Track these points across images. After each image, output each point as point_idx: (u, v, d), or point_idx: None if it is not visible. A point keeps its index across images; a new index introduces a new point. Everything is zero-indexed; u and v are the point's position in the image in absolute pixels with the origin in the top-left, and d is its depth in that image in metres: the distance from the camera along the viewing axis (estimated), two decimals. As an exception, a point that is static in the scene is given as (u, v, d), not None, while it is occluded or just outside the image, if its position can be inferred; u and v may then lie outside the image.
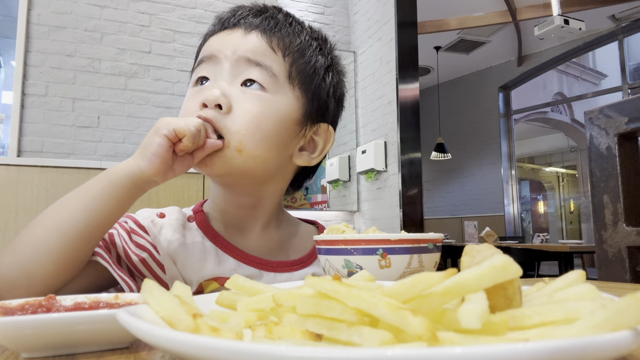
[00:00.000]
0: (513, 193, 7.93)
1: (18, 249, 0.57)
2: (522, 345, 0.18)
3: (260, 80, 0.67)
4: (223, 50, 0.69)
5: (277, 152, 0.70)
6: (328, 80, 0.76)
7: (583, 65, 8.99)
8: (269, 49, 0.70)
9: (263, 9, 0.75)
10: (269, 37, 0.70)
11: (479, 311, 0.22)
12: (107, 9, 3.39)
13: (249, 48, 0.69)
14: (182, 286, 0.33)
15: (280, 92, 0.69)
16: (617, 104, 1.11)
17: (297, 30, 0.74)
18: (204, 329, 0.25)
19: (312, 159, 0.76)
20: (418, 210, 3.55)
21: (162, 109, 3.48)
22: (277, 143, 0.69)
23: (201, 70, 0.71)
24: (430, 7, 5.80)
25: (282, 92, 0.69)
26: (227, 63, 0.68)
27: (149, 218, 0.70)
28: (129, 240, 0.67)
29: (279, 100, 0.68)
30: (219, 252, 0.72)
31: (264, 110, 0.66)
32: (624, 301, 0.21)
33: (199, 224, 0.74)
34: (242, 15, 0.73)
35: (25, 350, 0.34)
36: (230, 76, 0.68)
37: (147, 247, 0.67)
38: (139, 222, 0.69)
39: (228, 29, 0.72)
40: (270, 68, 0.68)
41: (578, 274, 0.32)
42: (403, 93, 3.61)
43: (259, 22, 0.71)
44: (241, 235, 0.75)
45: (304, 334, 0.24)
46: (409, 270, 0.57)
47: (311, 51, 0.74)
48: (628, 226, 1.07)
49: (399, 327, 0.23)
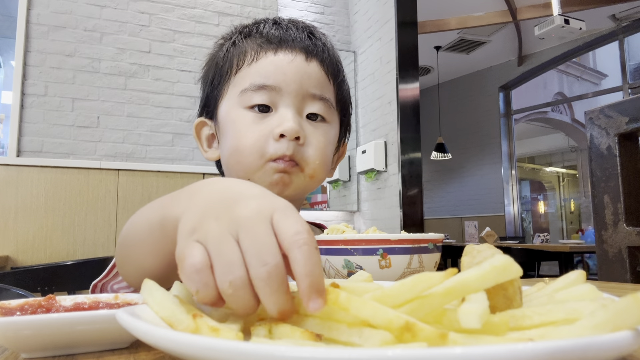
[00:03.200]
0: (513, 193, 7.93)
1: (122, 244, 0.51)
2: (522, 345, 0.18)
3: (323, 114, 0.73)
4: (289, 83, 0.70)
5: (328, 172, 0.79)
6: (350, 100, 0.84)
7: (583, 65, 8.99)
8: (326, 78, 0.74)
9: (305, 26, 0.77)
10: (326, 65, 0.74)
11: (479, 311, 0.22)
12: (106, 9, 3.39)
13: (313, 83, 0.72)
14: (182, 286, 0.33)
15: (334, 119, 0.76)
16: (618, 104, 1.11)
17: (338, 54, 0.79)
18: (203, 329, 0.25)
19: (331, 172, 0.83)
20: (418, 210, 3.55)
21: (162, 109, 3.48)
22: (330, 166, 0.78)
23: (261, 97, 0.70)
24: (430, 7, 5.80)
25: (335, 118, 0.77)
26: (294, 97, 0.71)
27: None
28: None
29: (333, 127, 0.76)
30: None
31: (328, 140, 0.74)
32: (624, 301, 0.21)
33: None
34: (296, 36, 0.74)
35: (25, 351, 0.34)
36: (297, 109, 0.71)
37: None
38: None
39: (285, 49, 0.72)
40: (329, 100, 0.74)
41: (578, 274, 0.32)
42: (403, 93, 3.61)
43: (314, 46, 0.74)
44: None
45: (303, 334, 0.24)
46: (409, 271, 0.57)
47: (346, 78, 0.80)
48: (628, 226, 1.07)
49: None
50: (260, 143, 0.68)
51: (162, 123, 3.47)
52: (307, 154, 0.70)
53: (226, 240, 0.30)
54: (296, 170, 0.70)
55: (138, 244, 0.47)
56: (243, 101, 0.71)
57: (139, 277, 0.46)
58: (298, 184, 0.71)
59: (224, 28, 3.79)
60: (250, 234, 0.30)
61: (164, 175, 3.11)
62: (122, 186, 2.98)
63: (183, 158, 3.51)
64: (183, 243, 0.32)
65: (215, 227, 0.31)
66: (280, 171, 0.69)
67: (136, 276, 0.50)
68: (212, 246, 0.30)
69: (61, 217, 2.76)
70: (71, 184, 2.78)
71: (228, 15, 3.80)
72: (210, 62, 0.80)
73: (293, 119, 0.68)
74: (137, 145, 3.39)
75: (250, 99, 0.70)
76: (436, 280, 0.25)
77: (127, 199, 2.98)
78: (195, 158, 3.54)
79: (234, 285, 0.29)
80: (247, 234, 0.30)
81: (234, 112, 0.72)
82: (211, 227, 0.31)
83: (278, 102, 0.70)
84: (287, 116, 0.69)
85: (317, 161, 0.71)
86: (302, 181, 0.71)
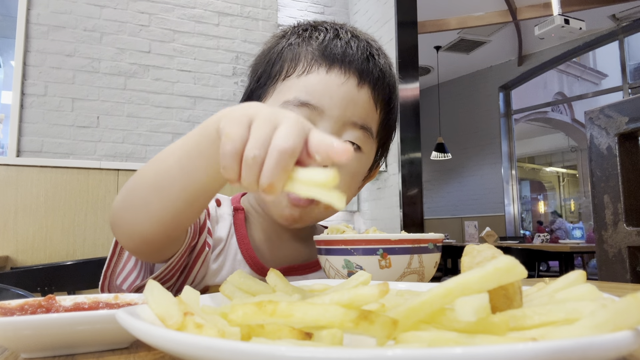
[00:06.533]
0: (513, 193, 7.93)
1: (124, 206, 0.54)
2: (522, 345, 0.18)
3: (360, 143, 0.68)
4: (334, 108, 0.66)
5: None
6: (395, 124, 0.80)
7: (583, 65, 8.99)
8: (374, 106, 0.70)
9: (368, 44, 0.72)
10: (377, 91, 0.70)
11: (475, 304, 0.22)
12: (106, 9, 3.39)
13: (358, 111, 0.67)
14: (192, 291, 0.32)
15: (369, 148, 0.71)
16: (618, 104, 1.11)
17: (393, 78, 0.75)
18: (189, 325, 0.25)
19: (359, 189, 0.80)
20: (418, 210, 3.55)
21: (162, 109, 3.48)
22: (352, 194, 0.74)
23: (302, 114, 0.65)
24: (430, 7, 5.80)
25: (370, 147, 0.71)
26: (334, 122, 0.66)
27: (213, 207, 0.71)
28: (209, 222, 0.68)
29: (367, 156, 0.72)
30: (237, 257, 0.71)
31: (357, 170, 0.70)
32: (625, 301, 0.21)
33: (236, 222, 0.74)
34: (354, 55, 0.68)
35: (25, 351, 0.34)
36: (334, 133, 0.66)
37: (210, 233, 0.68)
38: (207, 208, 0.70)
39: (339, 69, 0.67)
40: (370, 130, 0.69)
41: (578, 274, 0.32)
42: (403, 93, 3.61)
43: (370, 70, 0.69)
44: (272, 245, 0.75)
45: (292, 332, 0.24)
46: (409, 270, 0.57)
47: (395, 101, 0.76)
48: (628, 226, 1.07)
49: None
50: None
51: (162, 123, 3.47)
52: None
53: (268, 124, 0.35)
54: (313, 207, 0.67)
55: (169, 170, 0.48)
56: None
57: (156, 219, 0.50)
58: (311, 218, 0.68)
59: (224, 28, 3.79)
60: (287, 125, 0.35)
61: (164, 175, 3.10)
62: (121, 186, 2.98)
63: (183, 158, 3.51)
64: (229, 120, 0.37)
65: (264, 112, 0.37)
66: (295, 206, 0.66)
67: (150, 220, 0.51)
68: (256, 123, 0.36)
69: (61, 217, 2.76)
70: (71, 184, 2.78)
71: (228, 15, 3.80)
72: (262, 55, 0.76)
73: None
74: (137, 145, 3.39)
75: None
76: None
77: (127, 199, 2.98)
78: (195, 158, 3.53)
79: (256, 159, 0.34)
80: (285, 125, 0.35)
81: None
82: (261, 111, 0.37)
83: (317, 123, 0.66)
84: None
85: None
86: (317, 214, 0.68)
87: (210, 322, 0.26)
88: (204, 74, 3.63)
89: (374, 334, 0.23)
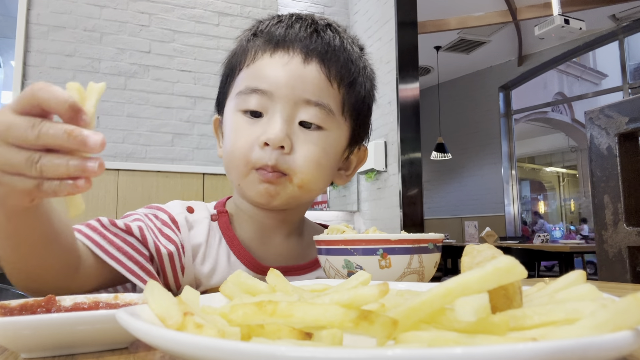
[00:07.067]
0: (513, 193, 7.93)
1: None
2: (522, 345, 0.18)
3: (318, 122, 0.68)
4: (281, 87, 0.66)
5: (329, 180, 0.74)
6: (371, 103, 0.78)
7: (583, 65, 8.99)
8: (327, 82, 0.68)
9: (313, 22, 0.72)
10: (328, 67, 0.68)
11: (475, 304, 0.22)
12: (106, 9, 3.39)
13: (309, 87, 0.67)
14: (192, 291, 0.32)
15: (335, 126, 0.70)
16: (618, 104, 1.11)
17: (349, 53, 0.72)
18: (189, 325, 0.25)
19: (347, 177, 0.80)
20: (418, 210, 3.55)
21: (162, 109, 3.48)
22: (330, 174, 0.73)
23: (253, 102, 0.67)
24: (430, 7, 5.80)
25: (336, 125, 0.70)
26: (285, 102, 0.66)
27: (182, 214, 0.71)
28: (158, 233, 0.67)
29: (334, 135, 0.70)
30: (231, 259, 0.71)
31: (323, 149, 0.69)
32: (625, 301, 0.21)
33: (221, 226, 0.74)
34: (297, 35, 0.69)
35: (25, 351, 0.34)
36: (288, 115, 0.66)
37: (177, 242, 0.68)
38: (172, 217, 0.70)
39: (282, 50, 0.68)
40: (328, 106, 0.68)
41: (578, 274, 0.32)
42: (403, 93, 3.61)
43: (316, 46, 0.68)
44: (262, 243, 0.75)
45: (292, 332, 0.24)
46: (409, 270, 0.57)
47: (361, 78, 0.74)
48: (628, 226, 1.07)
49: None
50: (246, 150, 0.66)
51: (162, 123, 3.47)
52: (295, 164, 0.66)
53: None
54: (284, 181, 0.67)
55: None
56: (238, 104, 0.69)
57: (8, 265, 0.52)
58: (286, 194, 0.68)
59: (224, 28, 3.79)
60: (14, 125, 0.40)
61: (164, 175, 3.10)
62: (122, 186, 2.98)
63: (183, 158, 3.51)
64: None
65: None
66: (265, 181, 0.66)
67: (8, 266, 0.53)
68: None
69: (61, 217, 2.75)
70: (71, 184, 2.78)
71: (228, 15, 3.80)
72: (227, 57, 0.78)
73: (279, 126, 0.65)
74: (137, 145, 3.39)
75: (243, 103, 0.68)
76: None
77: (127, 199, 2.98)
78: (195, 158, 3.54)
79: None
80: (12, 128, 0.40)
81: (230, 114, 0.70)
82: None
83: (269, 108, 0.67)
84: (274, 123, 0.65)
85: (305, 170, 0.66)
86: (291, 191, 0.68)
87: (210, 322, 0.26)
88: (204, 74, 3.63)
89: (374, 334, 0.23)
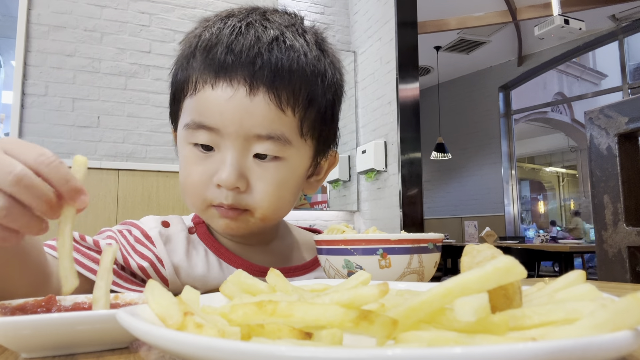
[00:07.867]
0: (513, 193, 7.93)
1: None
2: (522, 345, 0.18)
3: (273, 153, 0.62)
4: (228, 125, 0.60)
5: (295, 200, 0.70)
6: (337, 109, 0.73)
7: (583, 65, 8.99)
8: (278, 111, 0.61)
9: (258, 39, 0.62)
10: (277, 94, 0.61)
11: (475, 304, 0.22)
12: (107, 9, 3.39)
13: (258, 121, 0.60)
14: (192, 291, 0.33)
15: (293, 152, 0.64)
16: (617, 104, 1.11)
17: (302, 68, 0.64)
18: (189, 325, 0.25)
19: (317, 182, 0.77)
20: (418, 210, 3.55)
21: (162, 109, 3.48)
22: (296, 195, 0.69)
23: (202, 137, 0.62)
24: (430, 7, 5.80)
25: (294, 151, 0.64)
26: (234, 139, 0.61)
27: (156, 228, 0.69)
28: (131, 249, 0.66)
29: (293, 161, 0.65)
30: (222, 265, 0.71)
31: (282, 179, 0.64)
32: (624, 301, 0.21)
33: (201, 237, 0.73)
34: (239, 60, 0.60)
35: (25, 351, 0.34)
36: (240, 151, 0.61)
37: (151, 258, 0.66)
38: (146, 233, 0.68)
39: (223, 80, 0.61)
40: (282, 136, 0.62)
41: (578, 274, 0.32)
42: (403, 93, 3.61)
43: (262, 72, 0.60)
44: (245, 249, 0.75)
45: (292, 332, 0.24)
46: (409, 270, 0.57)
47: (320, 89, 0.66)
48: (628, 226, 1.07)
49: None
50: (201, 187, 0.63)
51: (162, 123, 3.47)
52: (254, 200, 0.63)
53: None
54: (244, 216, 0.64)
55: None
56: (187, 136, 0.64)
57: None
58: (249, 227, 0.66)
59: (224, 28, 3.80)
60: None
61: (164, 175, 3.10)
62: (122, 186, 2.98)
63: (183, 158, 3.51)
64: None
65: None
66: (225, 217, 0.63)
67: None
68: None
69: (61, 217, 2.76)
70: (71, 184, 2.78)
71: (228, 15, 3.80)
72: (171, 73, 0.72)
73: (230, 168, 0.60)
74: (137, 145, 3.39)
75: (192, 136, 0.63)
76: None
77: (127, 199, 2.98)
78: (195, 158, 3.54)
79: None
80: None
81: (181, 144, 0.66)
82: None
83: (220, 143, 0.62)
84: (225, 162, 0.61)
85: (265, 205, 0.63)
86: (254, 224, 0.65)
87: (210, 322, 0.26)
88: (204, 74, 3.63)
89: (374, 333, 0.23)
